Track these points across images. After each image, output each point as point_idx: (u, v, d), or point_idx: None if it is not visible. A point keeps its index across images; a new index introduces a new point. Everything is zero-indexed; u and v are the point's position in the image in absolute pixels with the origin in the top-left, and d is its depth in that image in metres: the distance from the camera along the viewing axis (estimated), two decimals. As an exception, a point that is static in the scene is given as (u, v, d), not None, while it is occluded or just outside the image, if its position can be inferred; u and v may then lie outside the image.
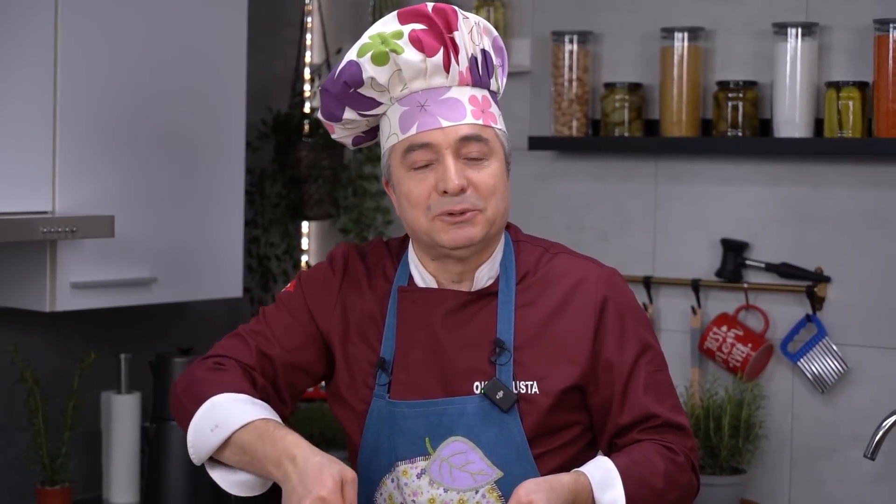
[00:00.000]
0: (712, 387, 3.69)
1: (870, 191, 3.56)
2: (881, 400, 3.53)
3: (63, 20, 3.39)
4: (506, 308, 2.42)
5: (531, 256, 2.47)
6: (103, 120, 3.49)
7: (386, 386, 2.42)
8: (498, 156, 2.38)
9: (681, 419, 2.43)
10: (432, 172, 2.35)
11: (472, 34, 2.37)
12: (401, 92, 2.36)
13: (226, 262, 3.79)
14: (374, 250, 2.54)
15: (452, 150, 2.33)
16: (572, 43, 3.87)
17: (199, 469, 3.50)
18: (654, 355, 2.45)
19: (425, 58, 2.32)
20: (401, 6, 4.18)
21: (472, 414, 2.37)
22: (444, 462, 2.38)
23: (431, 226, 2.36)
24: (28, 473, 3.70)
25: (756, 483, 3.70)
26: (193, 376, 2.44)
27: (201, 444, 2.35)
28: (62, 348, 3.80)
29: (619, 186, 3.92)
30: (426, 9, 2.35)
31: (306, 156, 4.19)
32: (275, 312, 2.52)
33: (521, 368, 2.38)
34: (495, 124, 2.39)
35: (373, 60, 2.33)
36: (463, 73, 2.35)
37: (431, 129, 2.33)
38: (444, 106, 2.34)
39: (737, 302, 3.73)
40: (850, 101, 3.49)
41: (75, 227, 3.27)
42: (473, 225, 2.35)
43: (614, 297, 2.43)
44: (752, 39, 3.71)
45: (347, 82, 2.36)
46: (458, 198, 2.33)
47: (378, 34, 2.35)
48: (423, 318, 2.43)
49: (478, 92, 2.38)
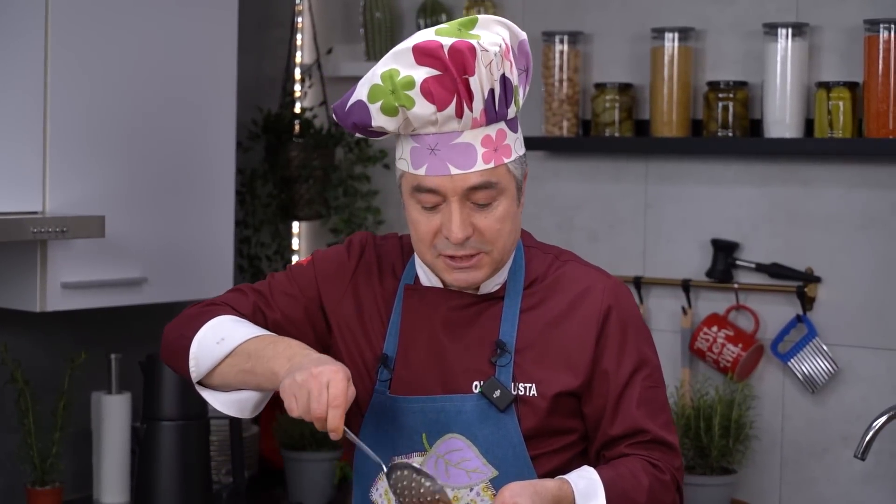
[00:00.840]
0: (703, 387, 3.69)
1: (860, 191, 3.56)
2: (871, 400, 3.53)
3: (54, 21, 3.39)
4: (510, 311, 2.42)
5: (541, 264, 2.47)
6: (94, 120, 3.49)
7: (387, 382, 2.43)
8: (508, 193, 2.35)
9: (671, 438, 2.43)
10: (439, 214, 2.33)
11: (491, 68, 2.28)
12: (412, 132, 2.33)
13: (216, 262, 3.79)
14: (390, 245, 2.54)
15: (459, 197, 2.31)
16: (563, 43, 3.87)
17: (189, 469, 3.56)
18: (652, 371, 2.45)
19: (436, 111, 2.27)
20: (393, 11, 4.20)
21: (469, 412, 2.38)
22: (440, 458, 2.39)
23: (436, 263, 2.37)
24: (18, 474, 3.70)
25: (747, 483, 3.70)
26: (189, 313, 2.47)
27: (205, 356, 2.38)
28: (52, 348, 3.80)
29: (610, 186, 3.92)
30: (442, 52, 2.26)
31: (297, 156, 4.19)
32: (283, 280, 2.52)
33: (521, 371, 2.39)
34: (508, 158, 2.34)
35: (382, 111, 2.30)
36: (477, 118, 2.29)
37: (440, 175, 2.31)
38: (455, 151, 2.30)
39: (727, 302, 3.73)
40: (841, 101, 3.49)
41: (66, 228, 3.27)
42: (478, 269, 2.36)
43: (618, 308, 2.43)
44: (743, 40, 3.72)
45: (356, 124, 2.34)
46: (462, 244, 2.33)
47: (389, 77, 2.27)
48: (427, 316, 2.44)
49: (492, 129, 2.32)
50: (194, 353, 2.39)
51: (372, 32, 4.21)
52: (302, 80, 4.35)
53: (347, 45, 4.37)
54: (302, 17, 4.36)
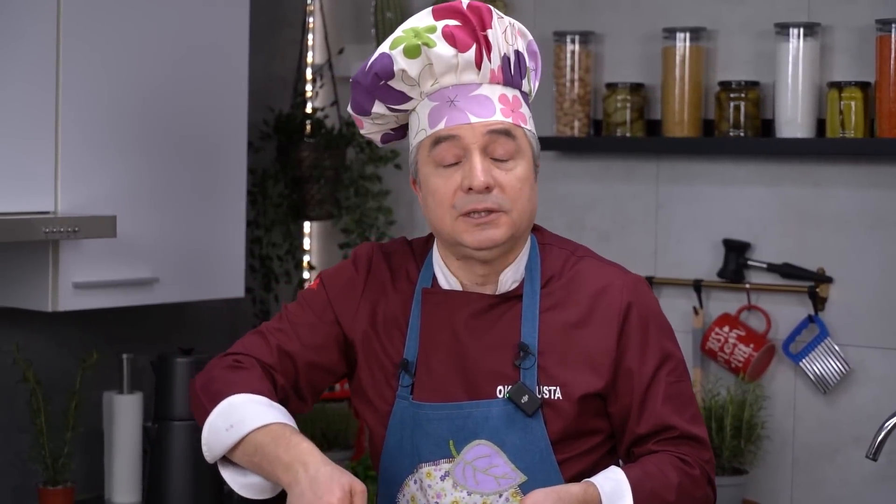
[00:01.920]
0: (714, 387, 3.69)
1: (872, 191, 3.56)
2: (883, 400, 3.53)
3: (65, 20, 3.40)
4: (530, 312, 2.40)
5: (557, 260, 2.46)
6: (105, 120, 3.50)
7: (409, 387, 2.41)
8: (526, 156, 2.37)
9: (698, 431, 2.41)
10: (459, 171, 2.33)
11: (507, 34, 2.35)
12: (431, 86, 2.35)
13: (228, 262, 3.79)
14: (398, 250, 2.53)
15: (480, 146, 2.32)
16: (574, 43, 3.87)
17: (201, 470, 3.53)
18: (676, 365, 2.43)
19: (457, 53, 2.31)
20: (404, 11, 4.20)
21: (496, 417, 2.36)
22: (467, 465, 2.38)
23: (455, 225, 2.35)
24: (30, 473, 3.71)
25: (758, 483, 3.70)
26: (212, 374, 2.43)
27: (215, 442, 2.34)
28: (64, 348, 3.80)
29: (621, 187, 3.92)
30: (461, 5, 2.34)
31: (308, 156, 4.19)
32: (297, 310, 2.50)
33: (545, 373, 2.37)
34: (525, 125, 2.37)
35: (405, 53, 2.31)
36: (494, 70, 2.34)
37: (460, 123, 2.32)
38: (474, 102, 2.33)
39: (739, 302, 3.73)
40: (852, 101, 3.49)
41: (77, 228, 3.27)
42: (497, 227, 2.34)
43: (638, 305, 2.42)
44: (754, 39, 3.72)
45: (378, 74, 2.34)
46: (483, 196, 2.32)
47: (411, 28, 2.34)
48: (446, 320, 2.42)
49: (509, 91, 2.36)
50: (205, 438, 2.37)
51: (383, 32, 4.19)
52: (313, 81, 4.35)
53: (358, 45, 4.37)
54: (313, 18, 4.36)
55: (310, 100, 4.33)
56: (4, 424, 3.70)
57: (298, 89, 4.33)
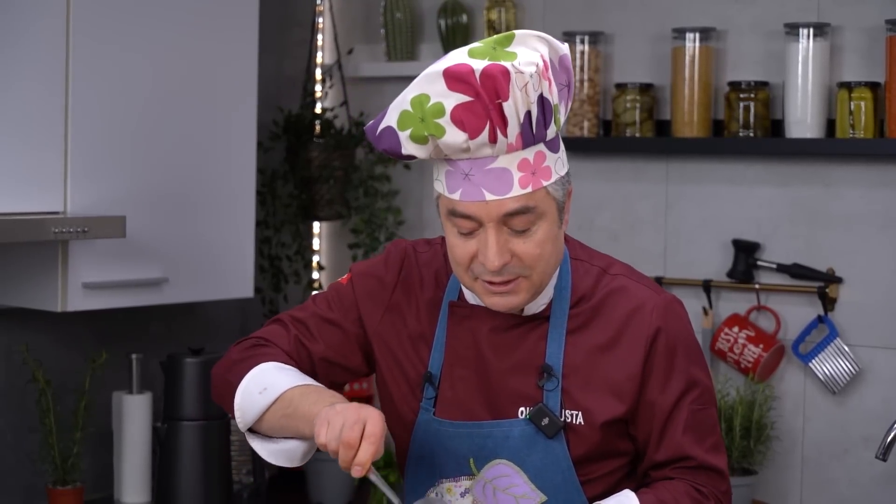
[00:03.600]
0: (724, 387, 3.68)
1: (882, 191, 3.56)
2: (893, 401, 3.53)
3: (75, 21, 3.40)
4: (556, 332, 2.36)
5: (588, 278, 2.39)
6: (115, 120, 3.50)
7: (432, 400, 2.39)
8: (548, 216, 2.26)
9: (717, 461, 2.37)
10: (475, 239, 2.25)
11: (527, 90, 2.17)
12: (444, 158, 2.25)
13: (237, 262, 3.80)
14: (431, 255, 2.48)
15: (495, 224, 2.23)
16: (583, 43, 3.87)
17: (211, 469, 3.58)
18: (702, 392, 2.38)
19: (468, 139, 2.18)
20: (413, 11, 4.20)
21: (517, 438, 2.34)
22: (487, 484, 2.36)
23: (474, 286, 2.31)
24: (39, 473, 3.71)
25: (767, 484, 3.70)
26: (233, 357, 2.43)
27: (249, 406, 2.33)
28: (74, 348, 3.81)
29: (630, 187, 3.92)
30: (474, 77, 2.16)
31: (317, 156, 4.19)
32: (324, 304, 2.47)
33: (568, 397, 2.33)
34: (547, 181, 2.24)
35: (412, 139, 2.22)
36: (512, 143, 2.20)
37: (475, 201, 2.22)
38: (490, 177, 2.21)
39: (748, 303, 3.73)
40: (862, 101, 3.49)
41: (87, 228, 3.28)
42: (517, 293, 2.28)
43: (667, 330, 2.36)
44: (764, 40, 3.71)
45: (387, 150, 2.26)
46: (500, 271, 2.25)
47: (419, 103, 2.20)
48: (472, 335, 2.39)
49: (530, 152, 2.22)
50: (238, 404, 2.35)
51: (392, 33, 4.21)
52: (322, 81, 4.35)
53: (368, 45, 4.37)
54: (322, 18, 4.36)
55: (319, 100, 4.33)
56: (14, 424, 3.70)
57: (308, 89, 4.34)
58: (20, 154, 3.33)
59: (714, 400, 2.41)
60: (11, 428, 3.70)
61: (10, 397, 3.69)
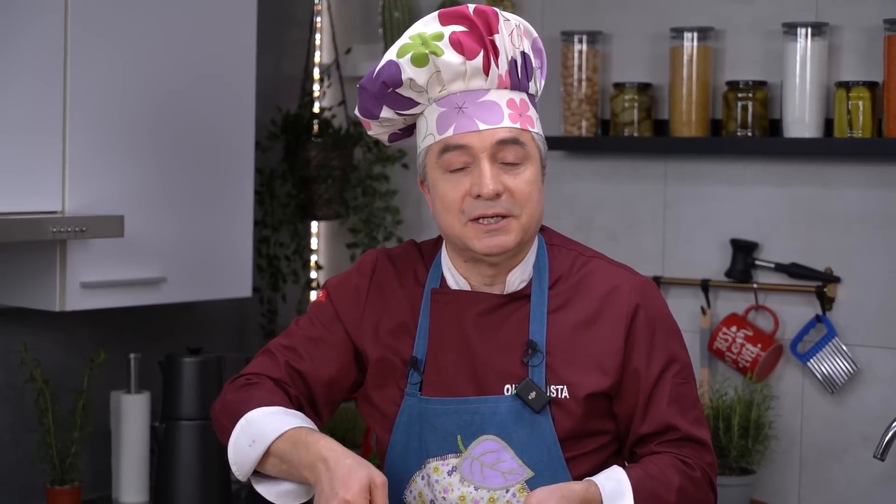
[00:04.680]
0: (722, 387, 3.70)
1: (880, 191, 3.57)
2: (891, 400, 3.54)
3: (73, 19, 3.41)
4: (538, 311, 2.42)
5: (565, 261, 2.47)
6: (113, 120, 3.51)
7: (418, 384, 2.43)
8: (534, 160, 2.38)
9: (701, 434, 2.43)
10: (468, 176, 2.34)
11: (513, 36, 2.36)
12: (439, 93, 2.36)
13: (235, 261, 3.80)
14: (405, 254, 2.55)
15: (488, 153, 2.33)
16: (581, 43, 3.88)
17: (209, 469, 3.58)
18: (682, 367, 2.44)
19: (465, 60, 2.32)
20: (411, 11, 4.21)
21: (504, 413, 2.38)
22: (475, 460, 2.39)
23: (464, 231, 2.37)
24: (38, 473, 3.72)
25: (766, 483, 3.71)
26: (226, 397, 2.47)
27: (242, 460, 2.38)
28: (72, 348, 3.81)
29: (629, 186, 3.93)
30: (467, 10, 2.34)
31: (316, 156, 4.20)
32: (306, 326, 2.52)
33: (553, 372, 2.39)
34: (532, 128, 2.38)
35: (412, 62, 2.33)
36: (502, 76, 2.35)
37: (468, 131, 2.33)
38: (482, 108, 2.34)
39: (746, 302, 3.74)
40: (860, 101, 3.50)
41: (85, 227, 3.29)
42: (507, 233, 2.36)
43: (646, 307, 2.43)
44: (762, 39, 3.72)
45: (386, 82, 2.36)
46: (493, 202, 2.33)
47: (419, 34, 2.34)
48: (455, 319, 2.44)
49: (516, 95, 2.37)
50: (232, 458, 2.40)
51: (390, 32, 4.21)
52: (321, 80, 4.36)
53: (366, 44, 4.38)
54: (321, 17, 4.38)
55: (317, 99, 4.34)
56: (12, 424, 3.71)
57: (306, 89, 4.35)
58: (19, 154, 3.33)
59: (693, 376, 2.49)
60: (10, 427, 3.70)
61: (8, 397, 3.69)
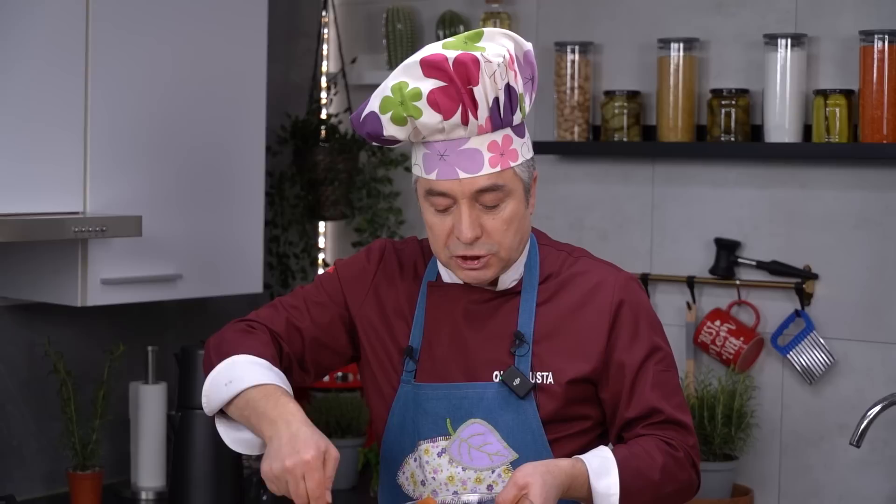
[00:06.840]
0: (706, 378, 3.72)
1: (855, 192, 3.60)
2: (866, 390, 3.57)
3: (94, 28, 3.43)
4: (527, 304, 2.48)
5: (555, 261, 2.53)
6: (132, 126, 3.53)
7: (412, 372, 2.49)
8: (515, 194, 2.40)
9: (684, 417, 2.47)
10: (450, 216, 2.39)
11: (495, 77, 2.34)
12: (422, 140, 2.39)
13: (247, 259, 3.83)
14: (409, 248, 2.61)
15: (468, 199, 2.37)
16: (574, 53, 3.89)
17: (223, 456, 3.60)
18: (664, 356, 2.49)
19: (442, 119, 2.33)
20: (413, 22, 4.19)
21: (491, 398, 2.44)
22: (463, 442, 2.45)
23: (449, 262, 2.44)
24: (61, 459, 3.77)
25: (748, 469, 3.74)
26: (224, 336, 2.50)
27: (215, 395, 2.40)
28: (93, 341, 3.85)
29: (618, 188, 3.95)
30: (447, 63, 2.32)
31: (323, 159, 4.22)
32: (312, 289, 2.58)
33: (539, 360, 2.45)
34: (514, 162, 2.39)
35: (392, 121, 2.36)
36: (482, 125, 2.35)
37: (449, 179, 2.37)
38: (463, 157, 2.36)
39: (729, 298, 3.77)
40: (837, 107, 3.52)
41: (105, 227, 3.33)
42: (486, 268, 2.42)
43: (630, 301, 2.48)
44: (745, 50, 3.75)
45: (370, 133, 2.40)
46: (472, 245, 2.39)
47: (399, 89, 2.34)
48: (449, 311, 2.51)
49: (498, 135, 2.38)
50: (206, 390, 2.42)
51: (393, 43, 4.22)
52: (328, 88, 4.37)
53: (370, 54, 4.40)
54: (328, 29, 4.38)
55: (324, 106, 4.35)
56: (37, 413, 3.75)
57: (314, 96, 4.35)
58: (43, 159, 3.37)
59: (675, 366, 2.53)
60: (34, 416, 3.75)
61: (32, 387, 3.73)
